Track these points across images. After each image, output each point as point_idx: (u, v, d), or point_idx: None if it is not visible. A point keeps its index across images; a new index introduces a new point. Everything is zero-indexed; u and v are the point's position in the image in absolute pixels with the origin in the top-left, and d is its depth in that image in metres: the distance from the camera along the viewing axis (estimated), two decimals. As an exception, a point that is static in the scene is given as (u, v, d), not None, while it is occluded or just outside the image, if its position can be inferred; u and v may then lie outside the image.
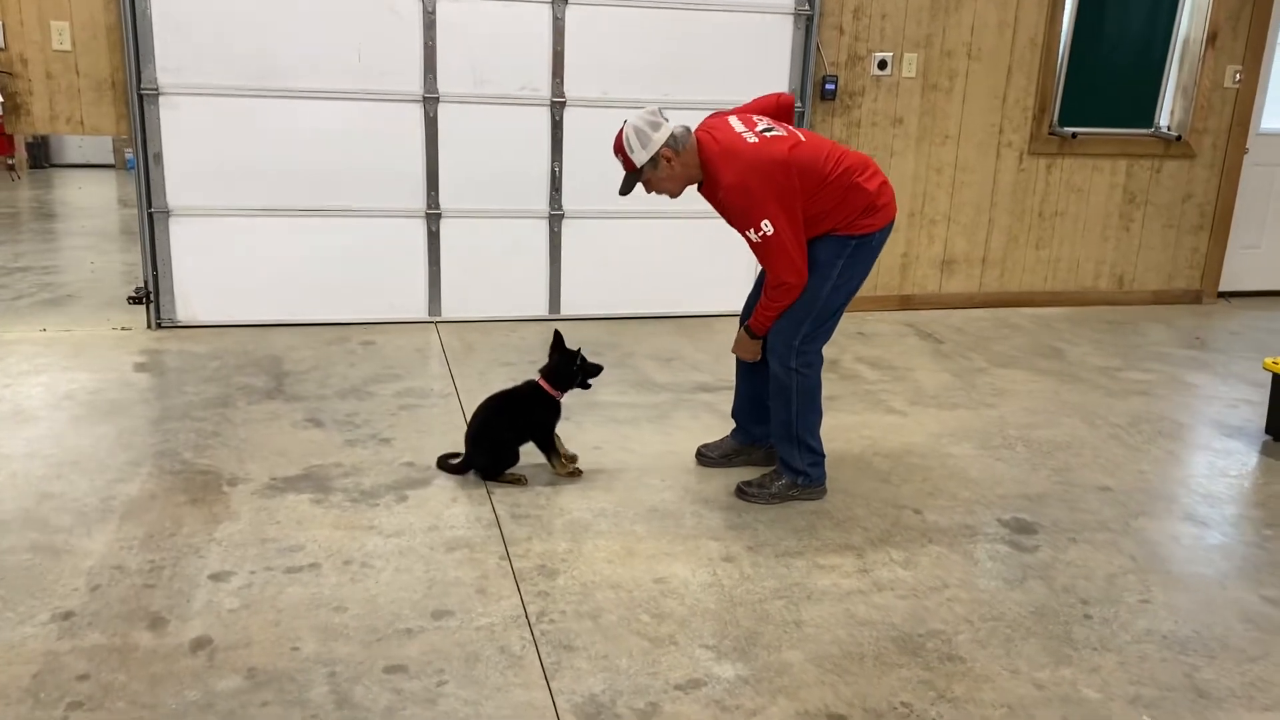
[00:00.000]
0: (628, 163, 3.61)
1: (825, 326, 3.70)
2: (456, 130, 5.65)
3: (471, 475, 3.87)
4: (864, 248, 3.66)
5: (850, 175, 3.59)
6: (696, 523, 3.62)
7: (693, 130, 3.61)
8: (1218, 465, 4.34)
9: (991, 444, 4.45)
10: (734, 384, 4.11)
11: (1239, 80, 6.68)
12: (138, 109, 5.24)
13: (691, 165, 3.59)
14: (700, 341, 5.75)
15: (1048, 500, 3.92)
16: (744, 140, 3.54)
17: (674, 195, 3.71)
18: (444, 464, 3.92)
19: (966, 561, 3.43)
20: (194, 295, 5.57)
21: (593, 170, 5.84)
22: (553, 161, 5.81)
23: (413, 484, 3.82)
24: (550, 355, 3.92)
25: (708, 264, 6.13)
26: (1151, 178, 6.74)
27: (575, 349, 3.90)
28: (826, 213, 3.55)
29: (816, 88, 6.01)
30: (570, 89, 5.73)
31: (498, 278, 5.92)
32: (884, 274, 6.50)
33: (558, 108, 5.74)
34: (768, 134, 3.55)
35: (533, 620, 2.96)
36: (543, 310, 6.02)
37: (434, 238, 5.77)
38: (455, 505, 3.66)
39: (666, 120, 3.59)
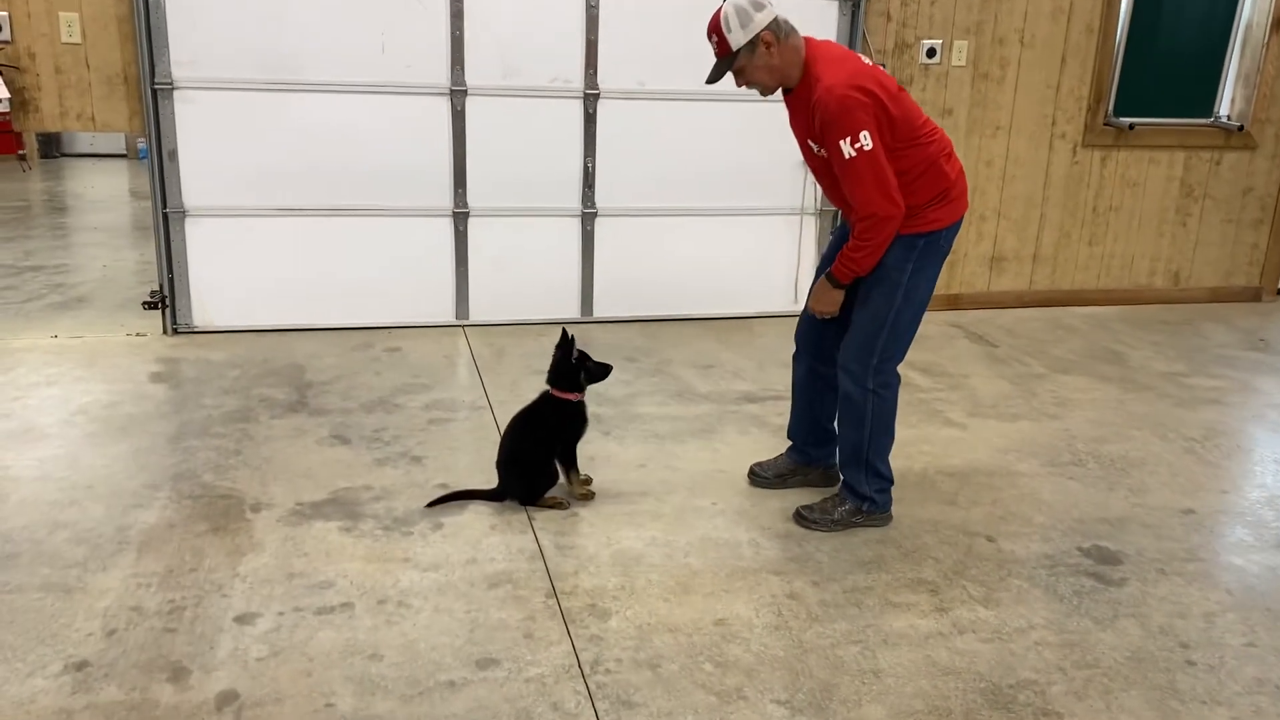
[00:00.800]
0: (723, 45, 3.23)
1: (903, 341, 3.42)
2: (485, 124, 5.38)
3: (513, 502, 3.62)
4: (933, 247, 3.35)
5: (936, 148, 3.28)
6: (754, 553, 3.35)
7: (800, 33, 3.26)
8: (1306, 484, 4.06)
9: (1060, 460, 4.17)
10: (788, 397, 3.84)
11: (1304, 67, 6.36)
12: (151, 104, 4.98)
13: (791, 62, 3.22)
14: (740, 347, 5.48)
15: (1129, 525, 3.65)
16: (856, 56, 3.27)
17: (766, 91, 3.32)
18: (473, 494, 3.65)
19: (1050, 597, 3.16)
20: (211, 299, 5.32)
21: (627, 166, 5.57)
22: (585, 157, 5.53)
23: (448, 509, 3.56)
24: (553, 356, 3.65)
25: (747, 264, 5.86)
26: (1210, 170, 6.42)
27: (571, 340, 3.61)
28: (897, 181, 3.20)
29: (862, 77, 5.71)
30: (604, 80, 5.45)
31: (528, 279, 5.65)
32: (929, 272, 6.20)
33: (591, 100, 5.46)
34: (880, 67, 3.29)
35: (586, 670, 2.71)
36: (574, 312, 5.75)
37: (461, 237, 5.50)
38: (494, 534, 3.41)
39: (770, 3, 3.22)
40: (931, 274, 3.39)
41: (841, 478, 3.60)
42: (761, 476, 3.83)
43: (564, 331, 3.66)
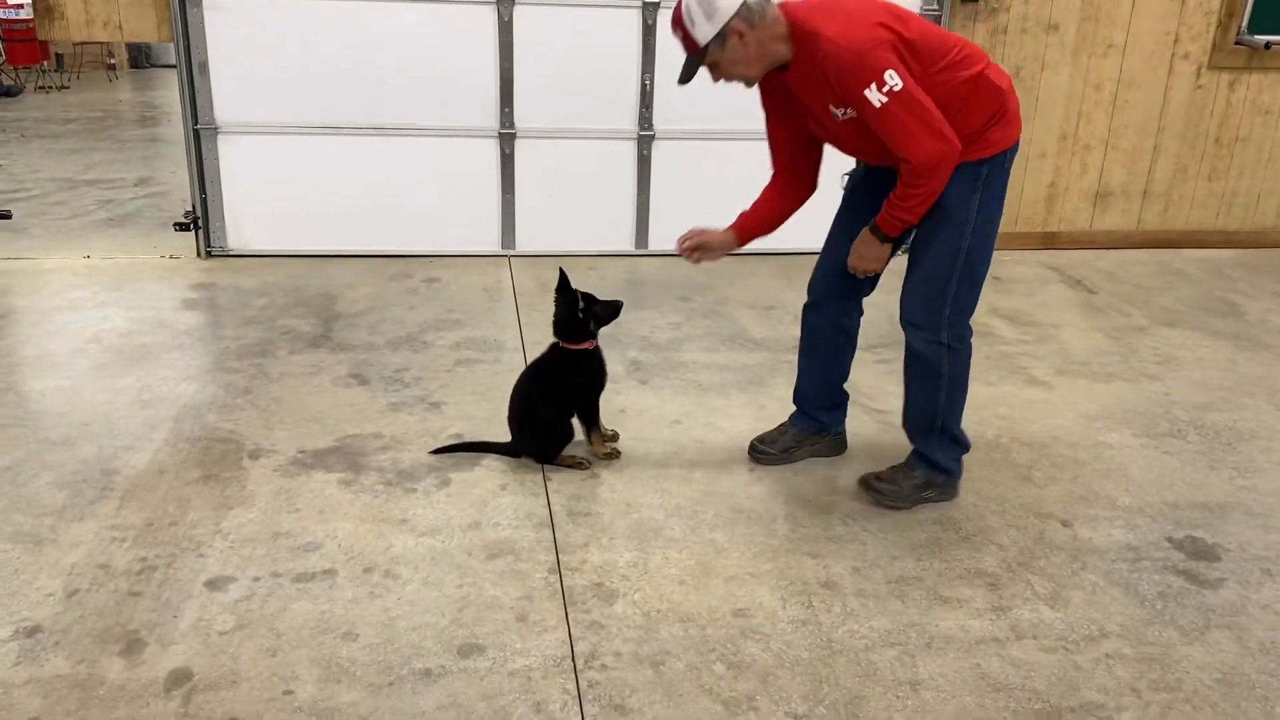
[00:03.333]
0: (688, 41, 2.76)
1: (977, 286, 2.94)
2: (534, 36, 4.95)
3: (525, 460, 3.30)
4: (997, 172, 2.86)
5: (975, 63, 2.76)
6: (790, 530, 2.98)
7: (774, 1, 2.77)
8: None
9: (1157, 430, 3.67)
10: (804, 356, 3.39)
11: None
12: (180, 12, 4.68)
13: (772, 40, 2.73)
14: (803, 286, 5.01)
15: (1231, 513, 3.16)
16: None
17: (750, 82, 2.87)
18: (487, 447, 3.34)
19: (1130, 599, 2.72)
20: (246, 221, 5.07)
21: (692, 84, 5.08)
22: (643, 73, 5.07)
23: (458, 464, 3.26)
24: (554, 303, 3.25)
25: (818, 194, 5.36)
26: (1358, 97, 5.65)
27: (575, 290, 3.22)
28: (943, 113, 2.69)
29: (956, -13, 5.11)
30: (666, -13, 4.97)
31: (578, 207, 5.26)
32: (1025, 205, 5.62)
33: (650, 10, 4.97)
34: None
35: (580, 664, 2.40)
36: (628, 245, 5.36)
37: (508, 160, 5.13)
38: (504, 495, 3.10)
39: None
40: (999, 203, 2.91)
41: (912, 447, 3.17)
42: (767, 453, 3.37)
43: (560, 272, 3.26)
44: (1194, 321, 4.77)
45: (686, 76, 2.86)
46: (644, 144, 5.19)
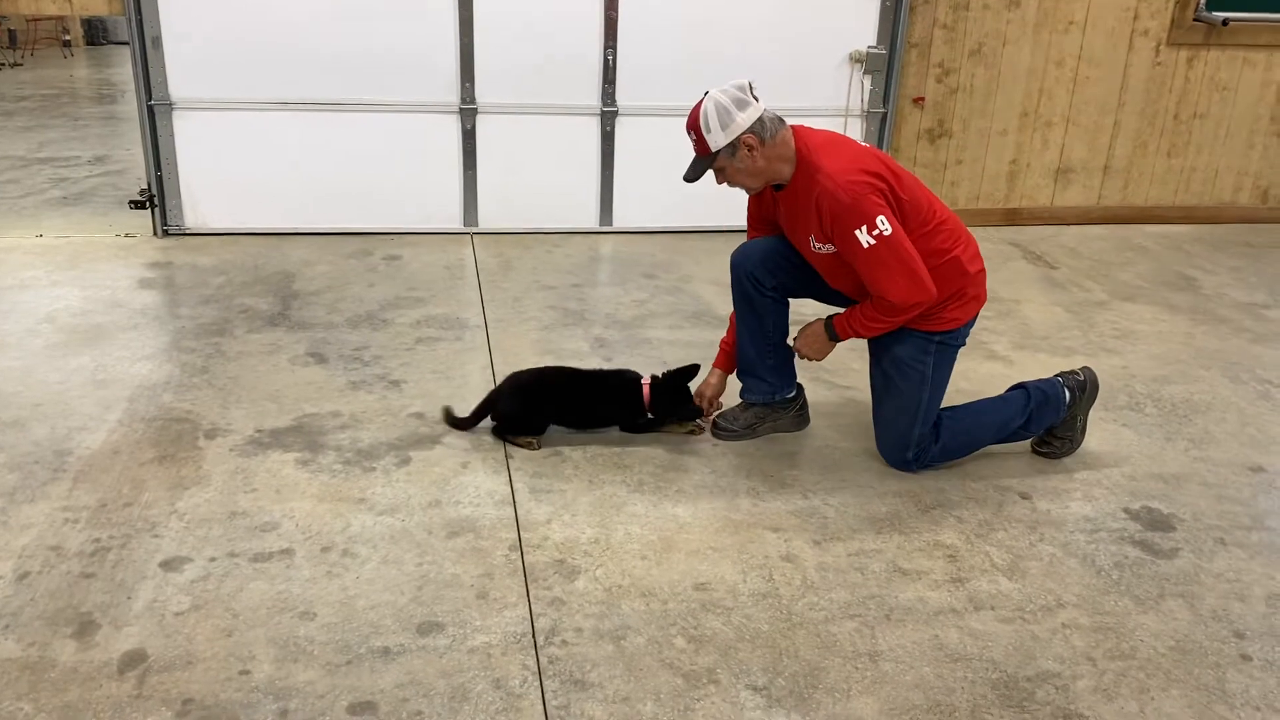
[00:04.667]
0: (701, 144, 2.93)
1: (931, 419, 3.13)
2: (495, 11, 4.90)
3: (491, 437, 3.27)
4: (946, 349, 3.07)
5: (949, 240, 2.97)
6: (752, 504, 2.98)
7: (787, 123, 2.94)
8: (1398, 440, 3.55)
9: (1115, 404, 3.70)
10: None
11: None
12: (132, -15, 4.59)
13: (778, 160, 2.93)
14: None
15: (1186, 484, 3.20)
16: (852, 140, 3.01)
17: (751, 191, 3.09)
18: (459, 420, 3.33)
19: (1086, 569, 2.75)
20: (204, 199, 4.99)
21: (652, 59, 5.06)
22: (605, 48, 5.03)
23: (419, 442, 3.24)
24: (673, 377, 3.32)
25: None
26: (1314, 74, 5.71)
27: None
28: None
29: (919, -38, 5.10)
30: (628, -37, 4.92)
31: (541, 184, 5.22)
32: (988, 182, 5.65)
33: (613, -16, 4.94)
34: (875, 147, 3.12)
35: (540, 641, 2.39)
36: (592, 222, 5.33)
37: (469, 136, 5.08)
38: (465, 473, 3.07)
39: (757, 100, 2.90)
40: (950, 362, 3.13)
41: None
42: (729, 430, 3.37)
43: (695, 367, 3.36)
44: (1152, 296, 4.82)
45: (693, 176, 3.02)
46: (607, 120, 5.16)
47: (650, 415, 3.32)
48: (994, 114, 5.48)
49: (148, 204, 4.94)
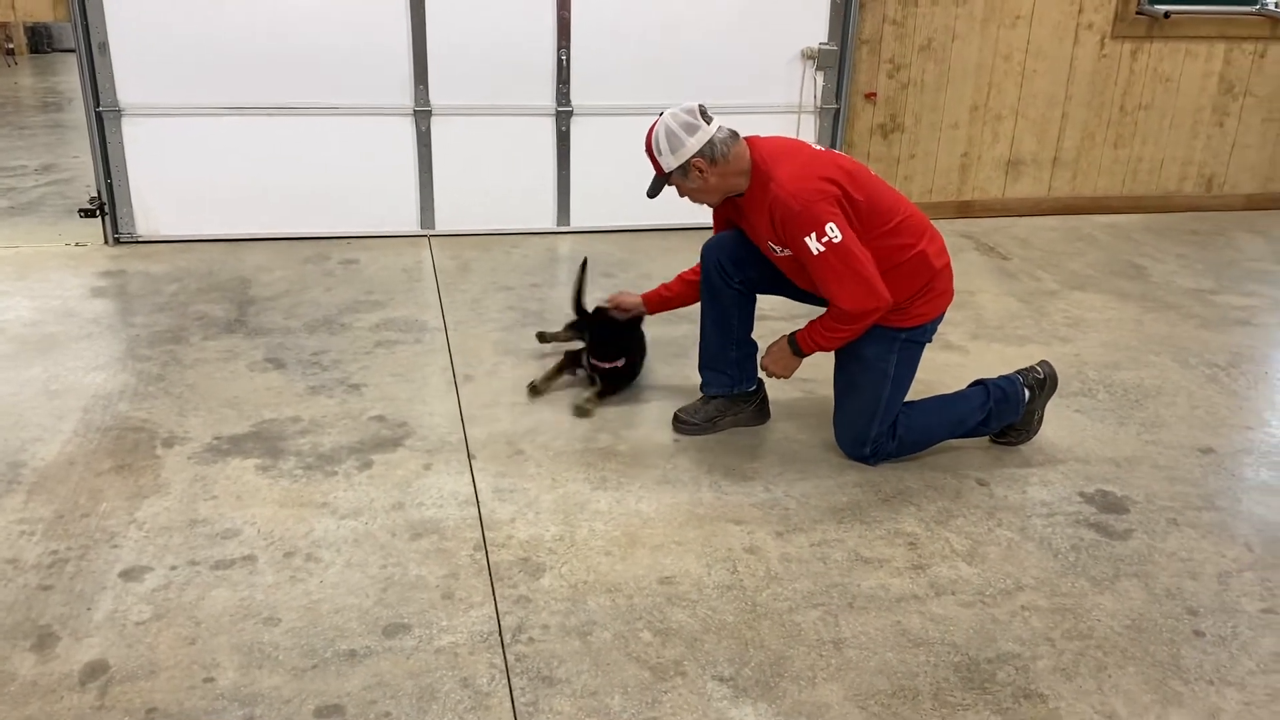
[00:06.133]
0: (655, 165, 3.04)
1: (892, 416, 3.16)
2: (446, 11, 4.88)
3: (454, 438, 3.27)
4: (912, 345, 3.12)
5: (912, 236, 3.01)
6: (715, 498, 3.01)
7: (741, 137, 3.01)
8: (1341, 419, 3.64)
9: (1068, 390, 3.77)
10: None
11: (1363, -53, 5.72)
12: (77, -11, 4.53)
13: (732, 175, 3.00)
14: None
15: (1139, 466, 3.27)
16: (808, 145, 3.06)
17: (710, 205, 3.17)
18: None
19: (1044, 552, 2.80)
20: (156, 206, 4.93)
21: (606, 58, 5.08)
22: (559, 48, 5.03)
23: (380, 445, 3.23)
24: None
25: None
26: (1254, 64, 5.83)
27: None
28: None
29: (867, -41, 5.16)
30: (579, -38, 4.93)
31: (498, 185, 5.21)
32: (940, 175, 5.72)
33: (565, -15, 4.95)
34: (833, 150, 3.12)
35: (507, 639, 2.39)
36: (549, 222, 5.33)
37: (424, 138, 5.06)
38: (428, 475, 3.07)
39: (707, 122, 2.96)
40: (914, 365, 3.18)
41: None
42: (690, 423, 3.39)
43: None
44: (1103, 284, 4.91)
45: (653, 193, 3.12)
46: (562, 120, 5.16)
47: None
48: (945, 108, 5.55)
49: (98, 212, 4.87)
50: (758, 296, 3.35)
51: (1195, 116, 5.90)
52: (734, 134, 3.00)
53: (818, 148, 3.06)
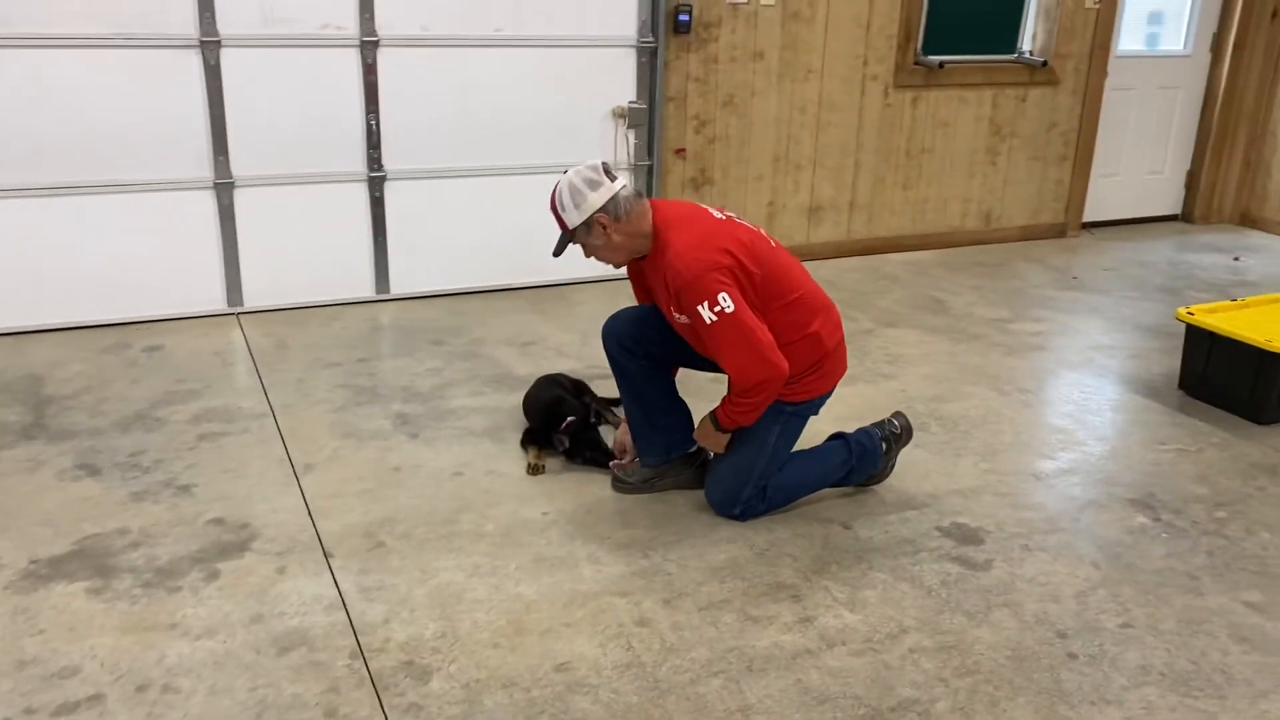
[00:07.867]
0: (560, 222, 3.00)
1: (763, 481, 3.19)
2: (246, 81, 4.63)
3: (305, 536, 3.06)
4: (796, 419, 3.18)
5: (807, 313, 3.05)
6: (595, 572, 2.93)
7: (644, 198, 3.02)
8: (1145, 434, 3.96)
9: (904, 427, 3.93)
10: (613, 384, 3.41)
11: (1099, 0, 6.35)
12: None
13: (636, 235, 2.99)
14: (559, 318, 5.00)
15: (982, 496, 3.43)
16: (708, 213, 3.03)
17: (616, 265, 3.13)
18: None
19: (917, 591, 2.89)
20: (-79, 301, 4.41)
21: (418, 121, 4.96)
22: (368, 114, 4.87)
23: (224, 551, 2.97)
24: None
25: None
26: (1017, 108, 6.36)
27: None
28: None
29: (669, 19, 5.27)
30: (383, 25, 4.78)
31: (310, 256, 4.97)
32: (748, 225, 5.89)
33: (369, 48, 4.79)
34: (736, 219, 3.08)
35: (406, 754, 2.23)
36: (368, 290, 5.12)
37: (227, 212, 4.75)
38: (283, 579, 2.85)
39: (611, 180, 2.95)
40: (798, 431, 3.22)
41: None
42: (626, 483, 3.37)
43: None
44: (912, 320, 5.18)
45: (558, 252, 3.10)
46: (375, 185, 4.98)
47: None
48: (749, 160, 5.74)
49: None
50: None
51: (971, 157, 6.36)
52: (639, 193, 3.02)
53: (719, 216, 3.06)
